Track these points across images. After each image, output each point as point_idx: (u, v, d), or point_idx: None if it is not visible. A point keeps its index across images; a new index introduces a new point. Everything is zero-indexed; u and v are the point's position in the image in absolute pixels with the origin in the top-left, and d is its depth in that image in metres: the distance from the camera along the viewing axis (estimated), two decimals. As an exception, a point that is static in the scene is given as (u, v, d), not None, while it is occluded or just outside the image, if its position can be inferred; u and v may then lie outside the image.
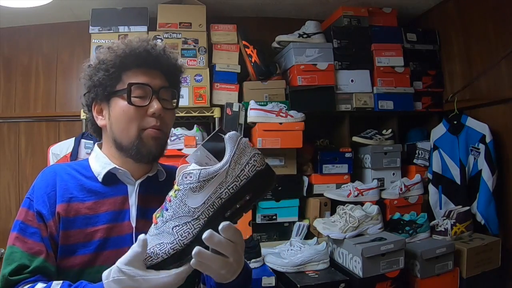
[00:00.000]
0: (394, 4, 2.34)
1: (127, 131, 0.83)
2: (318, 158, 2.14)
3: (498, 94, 1.97)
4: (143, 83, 0.83)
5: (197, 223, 0.63)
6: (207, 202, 0.63)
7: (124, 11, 2.13)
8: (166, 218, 0.65)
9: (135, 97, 0.83)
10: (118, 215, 0.83)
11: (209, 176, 0.63)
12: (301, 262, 1.74)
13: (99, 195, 0.83)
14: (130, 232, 0.82)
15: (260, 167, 0.65)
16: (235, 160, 0.64)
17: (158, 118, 0.83)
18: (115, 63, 0.83)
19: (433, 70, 2.36)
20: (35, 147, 2.34)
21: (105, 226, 0.81)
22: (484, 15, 2.04)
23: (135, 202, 0.85)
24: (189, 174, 0.64)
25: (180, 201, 0.64)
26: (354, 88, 2.23)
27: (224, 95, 2.14)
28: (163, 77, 0.88)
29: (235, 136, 0.65)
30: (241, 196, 0.64)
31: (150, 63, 0.86)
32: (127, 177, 0.86)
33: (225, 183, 0.63)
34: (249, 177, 0.64)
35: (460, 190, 2.09)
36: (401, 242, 1.72)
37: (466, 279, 1.80)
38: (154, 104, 0.83)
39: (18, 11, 2.03)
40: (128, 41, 0.86)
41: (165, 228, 0.64)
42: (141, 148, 0.83)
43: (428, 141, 2.25)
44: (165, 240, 0.63)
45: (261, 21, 2.49)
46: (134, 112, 0.82)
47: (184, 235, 0.63)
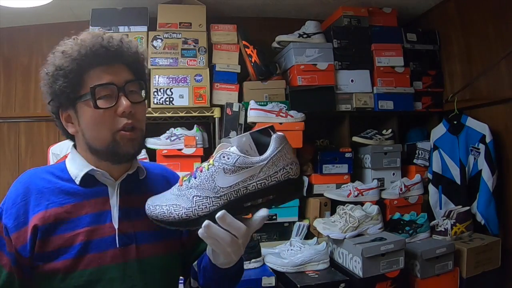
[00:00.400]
0: (394, 4, 2.34)
1: (99, 136, 0.79)
2: (318, 158, 2.14)
3: (498, 94, 1.97)
4: (106, 83, 0.78)
5: (217, 201, 0.66)
6: (233, 187, 0.65)
7: (124, 11, 2.13)
8: (191, 184, 0.68)
9: (101, 99, 0.77)
10: (99, 217, 0.80)
11: (245, 165, 0.65)
12: (301, 262, 1.74)
13: (78, 197, 0.80)
14: (113, 233, 0.79)
15: (293, 176, 0.66)
16: (273, 160, 0.65)
17: (129, 115, 0.79)
18: (72, 68, 0.78)
19: (433, 70, 2.36)
20: (35, 147, 2.34)
21: (86, 229, 0.77)
22: (484, 15, 2.04)
23: (117, 202, 0.82)
24: (228, 155, 0.66)
25: (210, 175, 0.66)
26: (354, 88, 2.23)
27: (224, 95, 2.14)
28: (126, 70, 0.83)
29: (282, 139, 0.66)
30: (266, 194, 0.66)
31: (110, 59, 0.80)
32: (106, 177, 0.83)
33: (256, 177, 0.65)
34: (279, 181, 0.65)
35: (460, 190, 2.09)
36: (401, 242, 1.72)
37: (466, 279, 1.80)
38: (121, 102, 0.78)
39: (18, 11, 2.03)
40: (82, 41, 0.80)
41: (187, 193, 0.68)
42: (118, 151, 0.79)
43: (428, 141, 2.25)
44: (183, 204, 0.67)
45: (261, 21, 2.48)
46: (103, 115, 0.77)
47: (201, 207, 0.66)
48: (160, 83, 2.05)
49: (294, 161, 0.67)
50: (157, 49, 2.08)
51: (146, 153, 2.02)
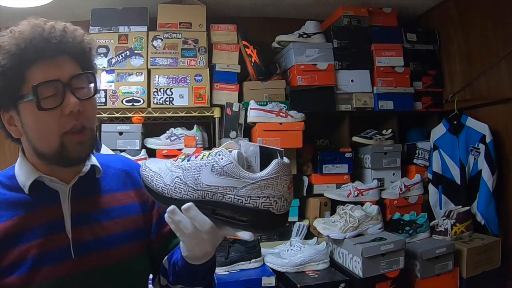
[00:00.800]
0: (394, 4, 2.34)
1: (46, 140, 0.72)
2: (318, 158, 2.14)
3: (498, 94, 1.97)
4: (49, 80, 0.70)
5: (192, 193, 0.64)
6: (212, 189, 0.63)
7: (124, 11, 2.13)
8: (181, 165, 0.66)
9: (46, 98, 0.69)
10: (51, 227, 0.73)
11: (232, 173, 0.62)
12: (301, 262, 1.74)
13: (28, 207, 0.73)
14: (67, 243, 0.73)
15: (273, 211, 0.61)
16: (261, 184, 0.61)
17: (78, 114, 0.71)
18: (11, 64, 0.69)
19: (433, 70, 2.36)
20: (35, 147, 2.34)
21: (39, 241, 0.71)
22: (484, 15, 2.04)
23: (69, 209, 0.75)
24: (223, 155, 0.63)
25: (198, 166, 0.64)
26: (354, 88, 2.23)
27: (224, 95, 2.14)
28: (72, 62, 0.74)
29: (282, 168, 0.61)
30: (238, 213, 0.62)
31: (52, 51, 0.71)
32: (56, 183, 0.76)
33: (237, 190, 0.61)
34: (257, 208, 0.61)
35: (460, 190, 2.09)
36: (401, 242, 1.72)
37: (466, 279, 1.80)
38: (68, 100, 0.70)
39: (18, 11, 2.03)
40: (19, 34, 0.70)
41: (173, 170, 0.67)
42: (67, 155, 0.72)
43: (428, 141, 2.25)
44: (165, 179, 0.67)
45: (261, 21, 2.48)
46: (48, 117, 0.70)
47: (176, 190, 0.65)
48: (160, 83, 2.06)
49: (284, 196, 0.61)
50: (157, 49, 2.08)
51: (146, 153, 2.02)
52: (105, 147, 1.98)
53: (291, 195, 0.63)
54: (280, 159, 0.61)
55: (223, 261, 1.73)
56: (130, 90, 2.04)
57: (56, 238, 0.73)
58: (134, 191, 0.85)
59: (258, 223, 0.62)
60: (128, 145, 2.03)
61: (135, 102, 2.04)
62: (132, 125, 2.06)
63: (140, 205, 0.85)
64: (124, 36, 2.09)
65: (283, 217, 0.63)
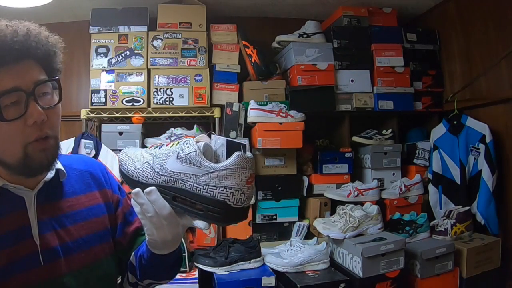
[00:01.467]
0: (394, 4, 2.34)
1: (8, 151, 0.69)
2: (318, 158, 2.14)
3: (498, 94, 1.97)
4: (10, 89, 0.65)
5: (157, 178, 0.67)
6: (175, 175, 0.65)
7: (124, 11, 2.13)
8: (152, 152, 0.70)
9: (7, 107, 0.66)
10: (18, 234, 0.71)
11: (194, 162, 0.64)
12: (301, 262, 1.74)
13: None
14: (35, 250, 0.71)
15: (229, 202, 0.62)
16: (219, 174, 0.62)
17: (41, 124, 0.68)
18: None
19: (433, 70, 2.36)
20: (35, 147, 2.33)
21: (7, 251, 0.69)
22: (484, 15, 2.04)
23: (35, 215, 0.73)
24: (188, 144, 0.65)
25: (166, 153, 0.67)
26: (354, 88, 2.23)
27: (224, 95, 2.14)
28: (36, 67, 0.71)
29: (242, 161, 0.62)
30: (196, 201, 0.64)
31: (15, 57, 0.67)
32: (21, 189, 0.73)
33: (196, 178, 0.64)
34: (213, 197, 0.62)
35: (460, 190, 2.09)
36: (401, 242, 1.72)
37: (466, 279, 1.80)
38: (32, 110, 0.66)
39: (18, 11, 2.03)
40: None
41: (145, 156, 0.70)
42: (30, 164, 0.69)
43: (428, 141, 2.25)
44: (136, 163, 0.70)
45: (261, 21, 2.48)
46: (11, 127, 0.66)
47: (143, 174, 0.68)
48: (160, 83, 2.06)
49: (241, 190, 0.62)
50: (157, 49, 2.08)
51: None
52: (105, 147, 1.98)
53: (250, 190, 0.64)
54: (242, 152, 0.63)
55: (223, 261, 1.73)
56: (130, 90, 2.04)
57: (24, 245, 0.71)
58: (98, 192, 0.86)
59: (214, 214, 0.63)
60: (128, 145, 1.99)
61: (135, 102, 2.04)
62: (132, 125, 2.06)
63: (105, 205, 0.85)
64: (124, 36, 2.09)
65: (240, 211, 0.64)
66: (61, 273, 0.73)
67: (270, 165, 2.05)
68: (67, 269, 0.74)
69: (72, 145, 1.99)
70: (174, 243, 0.73)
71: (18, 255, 0.70)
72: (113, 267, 0.84)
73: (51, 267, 0.72)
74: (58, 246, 0.74)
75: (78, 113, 2.10)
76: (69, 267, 0.74)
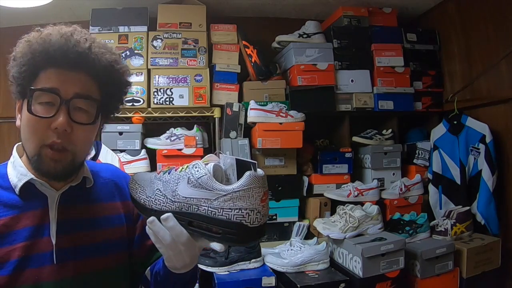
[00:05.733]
0: (394, 4, 2.34)
1: (29, 143, 0.72)
2: (318, 158, 2.14)
3: (498, 94, 1.97)
4: (48, 88, 0.69)
5: (170, 205, 0.66)
6: (188, 201, 0.64)
7: (124, 11, 2.13)
8: (163, 178, 0.69)
9: (41, 104, 0.69)
10: (37, 230, 0.73)
11: (205, 185, 0.63)
12: (301, 262, 1.74)
13: (17, 209, 0.73)
14: (50, 249, 0.73)
15: (246, 223, 0.61)
16: (233, 196, 0.61)
17: (63, 135, 0.69)
18: (28, 59, 0.71)
19: (433, 70, 2.36)
20: (35, 147, 2.34)
21: (23, 244, 0.71)
22: (484, 15, 2.04)
23: (55, 216, 0.75)
24: (198, 168, 0.64)
25: (176, 178, 0.66)
26: (354, 88, 2.23)
27: (224, 95, 2.14)
28: (88, 81, 0.73)
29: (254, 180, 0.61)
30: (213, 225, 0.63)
31: (69, 63, 0.71)
32: (47, 187, 0.76)
33: (210, 202, 0.62)
34: (228, 220, 0.61)
35: (460, 190, 2.09)
36: (401, 242, 1.72)
37: (466, 279, 1.80)
38: (58, 117, 0.69)
39: (18, 11, 2.03)
40: (47, 35, 0.71)
41: (155, 182, 0.70)
42: (39, 166, 0.71)
43: (428, 141, 2.25)
44: (147, 191, 0.70)
45: (261, 21, 2.48)
46: (35, 123, 0.69)
47: (156, 202, 0.68)
48: (160, 83, 2.06)
49: (256, 209, 0.61)
50: (157, 49, 2.08)
51: (146, 153, 2.02)
52: (105, 147, 1.98)
53: (266, 208, 0.63)
54: (253, 172, 0.61)
55: (223, 261, 1.73)
56: (130, 90, 2.03)
57: (40, 242, 0.73)
58: (120, 203, 0.86)
59: (232, 236, 0.62)
60: (128, 145, 2.03)
61: (135, 102, 2.04)
62: (132, 125, 2.06)
63: (125, 216, 0.86)
64: (124, 36, 2.09)
65: (258, 230, 0.62)
66: (70, 275, 0.74)
67: (270, 165, 2.05)
68: (75, 272, 0.75)
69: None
70: (192, 263, 0.72)
71: (33, 251, 0.72)
72: (123, 278, 0.84)
73: (62, 267, 0.74)
74: (72, 248, 0.75)
75: (78, 113, 2.10)
76: (78, 270, 0.75)
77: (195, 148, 2.03)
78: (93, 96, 0.74)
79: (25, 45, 0.72)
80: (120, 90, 0.83)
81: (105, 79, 0.76)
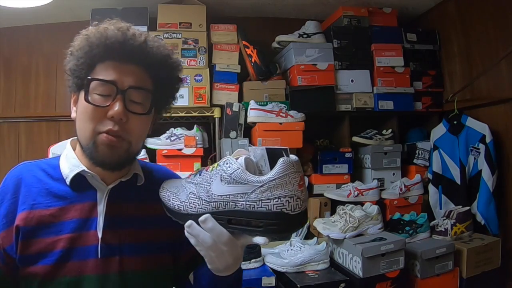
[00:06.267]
0: (394, 4, 2.34)
1: (83, 132, 0.74)
2: (318, 158, 2.14)
3: (498, 94, 1.97)
4: (105, 80, 0.72)
5: (206, 206, 0.64)
6: (224, 198, 0.62)
7: (124, 11, 2.13)
8: (194, 180, 0.67)
9: (97, 94, 0.72)
10: (84, 223, 0.74)
11: (240, 179, 0.61)
12: (301, 262, 1.74)
13: (66, 200, 0.75)
14: (96, 243, 0.74)
15: (287, 211, 0.59)
16: (269, 185, 0.59)
17: (119, 123, 0.72)
18: (85, 52, 0.74)
19: (433, 70, 2.36)
20: (35, 147, 2.34)
21: (69, 236, 0.73)
22: (484, 15, 2.04)
23: (103, 210, 0.76)
24: (229, 163, 0.62)
25: (209, 178, 0.64)
26: (354, 88, 2.23)
27: (224, 95, 2.14)
28: (142, 74, 0.76)
29: (289, 166, 0.59)
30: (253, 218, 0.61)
31: (125, 56, 0.74)
32: (97, 181, 0.77)
33: (247, 196, 0.60)
34: (269, 210, 0.59)
35: (460, 190, 2.09)
36: (401, 242, 1.72)
37: (466, 279, 1.79)
38: (114, 106, 0.71)
39: (18, 11, 2.03)
40: (104, 29, 0.74)
41: (187, 186, 0.68)
42: (93, 154, 0.73)
43: (428, 141, 2.25)
44: (180, 196, 0.68)
45: (261, 21, 2.48)
46: (92, 111, 0.72)
47: (191, 205, 0.66)
48: (160, 83, 2.05)
49: (296, 195, 0.60)
50: (157, 49, 2.08)
51: (146, 153, 2.02)
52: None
53: (304, 193, 0.62)
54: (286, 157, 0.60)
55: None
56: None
57: (87, 235, 0.74)
58: None
59: (274, 226, 0.59)
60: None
61: (135, 102, 2.03)
62: (132, 125, 2.05)
63: None
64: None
65: (300, 217, 0.61)
66: (113, 270, 0.75)
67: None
68: (118, 268, 0.75)
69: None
70: (236, 265, 0.70)
71: (79, 243, 0.73)
72: (165, 281, 0.83)
73: (105, 262, 0.74)
74: (117, 244, 0.76)
75: (78, 113, 2.10)
76: (120, 267, 0.75)
77: (195, 148, 2.02)
78: (147, 88, 0.76)
79: (82, 38, 0.75)
80: (172, 85, 0.86)
81: (159, 72, 0.78)
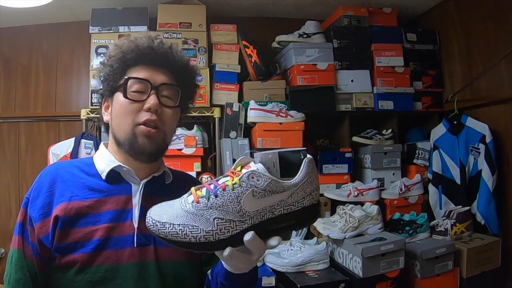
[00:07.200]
0: (394, 4, 2.34)
1: (122, 126, 0.82)
2: (318, 158, 2.13)
3: (498, 94, 1.97)
4: (141, 78, 0.82)
5: (241, 225, 0.61)
6: (261, 212, 0.61)
7: (124, 11, 2.13)
8: (212, 204, 0.61)
9: (133, 92, 0.82)
10: (120, 214, 0.81)
11: (276, 189, 0.61)
12: (301, 262, 1.74)
13: (102, 193, 0.81)
14: (132, 232, 0.80)
15: (315, 202, 0.65)
16: (303, 185, 0.62)
17: (155, 114, 0.81)
18: (119, 58, 0.83)
19: (433, 70, 2.36)
20: (35, 147, 2.34)
21: (106, 226, 0.78)
22: (484, 15, 2.04)
23: (139, 202, 0.83)
24: (258, 176, 0.60)
25: (236, 196, 0.60)
26: (354, 88, 2.23)
27: (224, 95, 2.14)
28: (168, 75, 0.86)
29: (313, 163, 0.64)
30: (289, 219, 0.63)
31: (154, 60, 0.85)
32: (131, 175, 0.84)
33: (285, 202, 0.62)
34: (304, 206, 0.63)
35: (460, 190, 2.09)
36: (401, 242, 1.72)
37: (466, 279, 1.79)
38: (150, 98, 0.81)
39: (18, 11, 2.03)
40: (135, 38, 0.86)
41: (205, 213, 0.61)
42: (134, 144, 0.80)
43: (428, 141, 2.25)
44: (201, 226, 0.61)
45: (261, 21, 2.49)
46: (130, 106, 0.81)
47: (223, 231, 0.61)
48: (160, 83, 2.05)
49: (317, 186, 0.65)
50: (157, 49, 2.08)
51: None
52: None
53: None
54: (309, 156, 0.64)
55: (223, 261, 1.73)
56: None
57: (123, 225, 0.80)
58: None
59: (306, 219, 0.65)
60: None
61: (135, 102, 2.03)
62: (132, 125, 2.05)
63: None
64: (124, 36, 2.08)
65: (319, 204, 0.67)
66: (148, 259, 0.80)
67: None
68: (153, 257, 0.80)
69: (72, 145, 1.99)
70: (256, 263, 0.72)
71: (115, 233, 0.79)
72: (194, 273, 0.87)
73: (141, 251, 0.79)
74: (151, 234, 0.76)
75: (78, 113, 2.10)
76: (155, 256, 0.80)
77: (195, 148, 2.02)
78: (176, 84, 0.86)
79: (115, 48, 0.85)
80: (192, 89, 0.93)
81: (182, 76, 0.88)
